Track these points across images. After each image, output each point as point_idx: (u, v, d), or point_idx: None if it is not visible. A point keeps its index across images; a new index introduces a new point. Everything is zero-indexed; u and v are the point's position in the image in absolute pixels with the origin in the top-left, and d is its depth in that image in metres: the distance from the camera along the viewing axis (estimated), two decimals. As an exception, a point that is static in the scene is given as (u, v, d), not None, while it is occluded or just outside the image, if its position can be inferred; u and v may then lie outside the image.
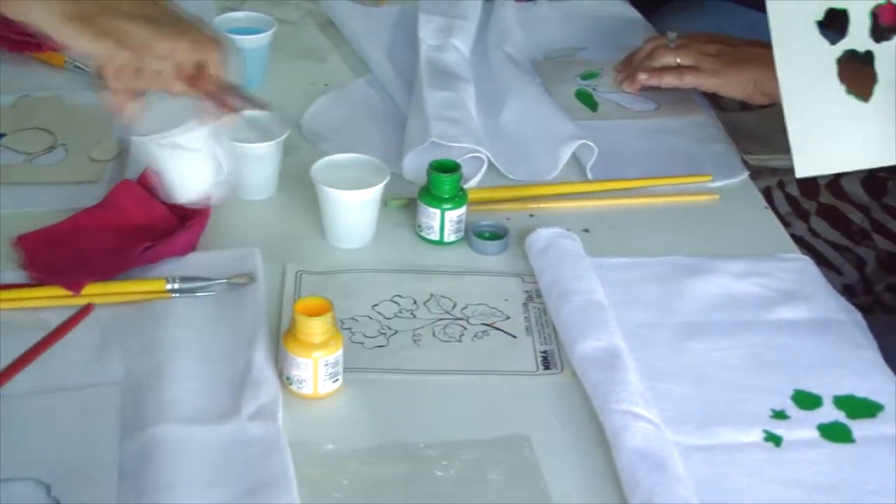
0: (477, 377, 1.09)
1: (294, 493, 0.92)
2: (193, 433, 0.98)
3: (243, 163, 1.32)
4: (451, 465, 0.97)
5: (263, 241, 1.25)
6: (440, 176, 1.24)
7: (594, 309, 1.12)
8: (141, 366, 1.06)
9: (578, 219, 1.32)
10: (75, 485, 0.93)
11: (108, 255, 1.20)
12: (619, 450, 0.96)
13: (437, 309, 1.17)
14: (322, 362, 1.02)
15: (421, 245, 1.27)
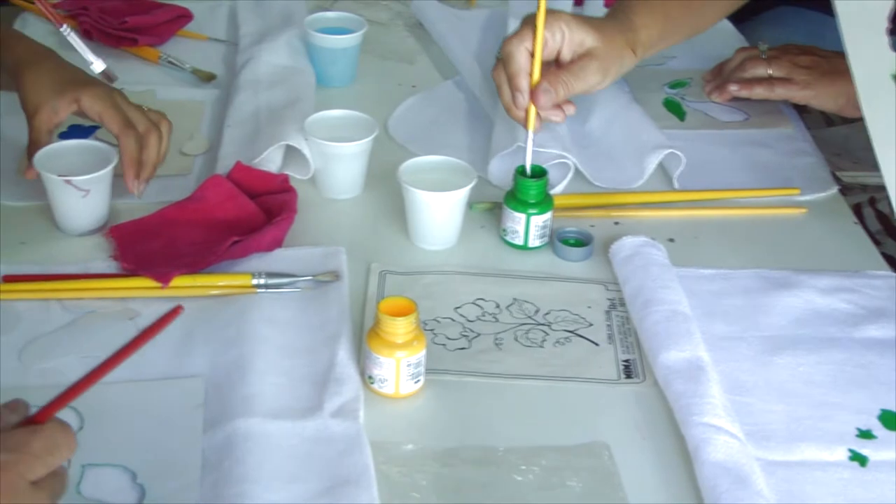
0: (558, 383, 1.08)
1: (374, 491, 0.93)
2: (276, 428, 0.98)
3: (331, 162, 1.33)
4: (530, 471, 0.97)
5: (349, 240, 1.26)
6: (527, 181, 1.24)
7: (679, 319, 1.11)
8: (225, 359, 1.07)
9: (663, 228, 1.31)
10: (160, 473, 0.95)
11: (197, 248, 1.22)
12: (701, 463, 0.95)
13: (519, 313, 1.17)
14: (404, 362, 1.03)
15: (505, 249, 1.28)
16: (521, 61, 1.27)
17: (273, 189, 1.30)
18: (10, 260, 1.21)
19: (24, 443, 0.75)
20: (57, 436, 0.78)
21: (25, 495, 0.73)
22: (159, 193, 1.33)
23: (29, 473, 0.74)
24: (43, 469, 0.76)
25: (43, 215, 1.28)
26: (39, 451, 0.76)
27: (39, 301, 1.15)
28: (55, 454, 0.77)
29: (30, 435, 0.76)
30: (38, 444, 0.76)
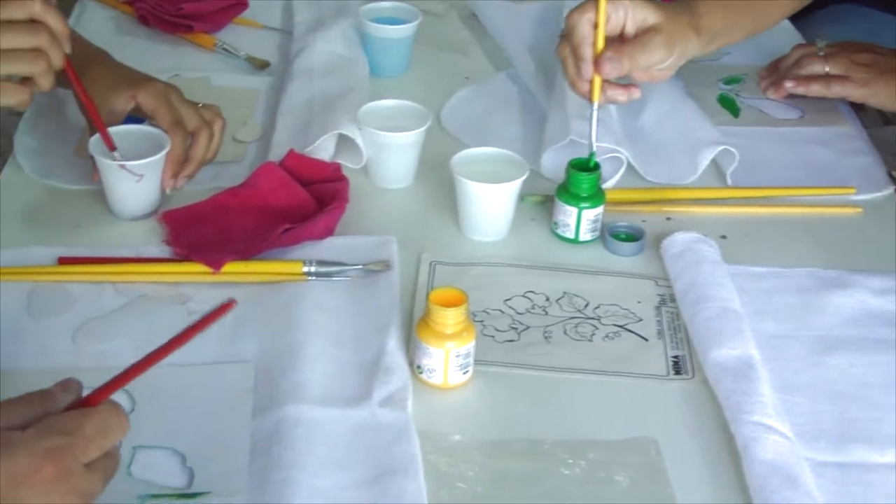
0: (606, 378, 1.08)
1: (421, 480, 0.93)
2: (325, 415, 0.99)
3: (383, 151, 1.34)
4: (577, 464, 0.97)
5: (399, 230, 1.26)
6: (579, 174, 1.24)
7: (730, 317, 1.10)
8: (276, 345, 1.08)
9: (715, 225, 1.31)
10: (209, 457, 0.95)
11: (248, 234, 1.22)
12: (750, 461, 0.95)
13: (569, 307, 1.17)
14: (454, 353, 1.03)
15: (556, 242, 1.27)
16: (585, 31, 1.25)
17: (325, 177, 1.30)
18: (65, 242, 1.23)
19: (77, 426, 0.76)
20: (110, 418, 0.78)
21: (79, 478, 0.74)
22: (212, 179, 1.34)
23: (82, 456, 0.75)
24: (96, 451, 0.77)
25: (98, 199, 1.30)
26: (92, 433, 0.76)
27: (93, 284, 1.16)
28: (107, 437, 0.78)
29: (83, 418, 0.77)
30: (91, 426, 0.77)
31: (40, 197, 1.32)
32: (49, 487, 0.72)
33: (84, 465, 0.75)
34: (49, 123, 1.44)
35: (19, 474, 0.71)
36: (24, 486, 0.71)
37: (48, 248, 1.21)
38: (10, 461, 0.71)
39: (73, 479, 0.73)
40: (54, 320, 1.11)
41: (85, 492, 0.75)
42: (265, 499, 0.90)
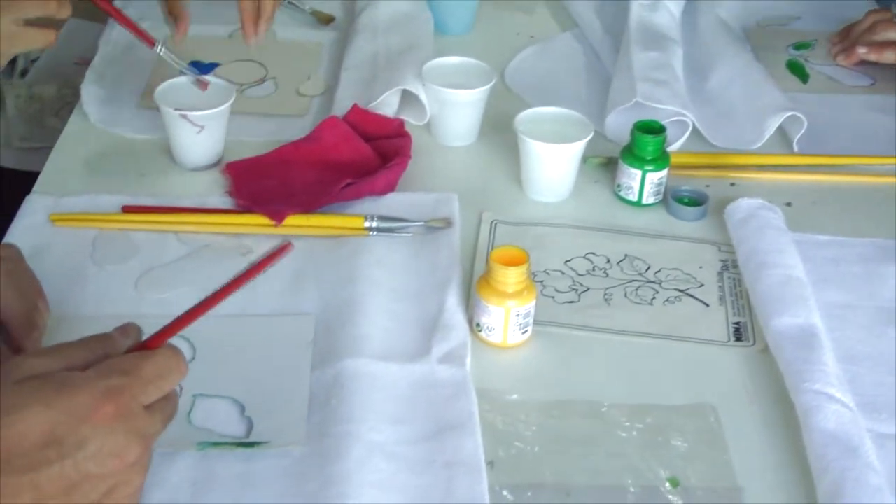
0: (666, 342, 1.07)
1: (478, 437, 0.93)
2: (384, 370, 0.99)
3: (447, 108, 1.33)
4: (634, 427, 0.97)
5: (461, 188, 1.26)
6: (645, 137, 1.23)
7: (793, 285, 1.09)
8: (335, 299, 1.08)
9: (780, 191, 1.29)
10: (268, 408, 0.96)
11: (311, 188, 1.23)
12: (810, 430, 0.94)
13: (630, 270, 1.16)
14: (514, 312, 1.02)
15: (618, 205, 1.26)
16: None
17: (388, 133, 1.30)
18: (129, 191, 1.24)
19: (136, 367, 0.76)
20: (168, 361, 0.78)
21: (139, 418, 0.74)
22: (276, 132, 1.35)
23: (142, 396, 0.75)
24: (155, 393, 0.76)
25: (162, 149, 1.31)
26: (151, 375, 0.76)
27: (156, 233, 1.17)
28: (166, 379, 0.77)
29: (142, 360, 0.77)
30: (150, 368, 0.76)
31: (106, 146, 1.33)
32: (109, 426, 0.72)
33: (144, 407, 0.75)
34: (116, 73, 1.45)
35: (80, 413, 0.71)
36: (86, 424, 0.71)
37: (113, 197, 1.22)
38: (70, 400, 0.71)
39: (133, 419, 0.74)
40: (118, 268, 1.12)
41: (145, 432, 0.75)
42: (323, 451, 0.91)
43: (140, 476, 0.75)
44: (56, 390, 0.71)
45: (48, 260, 1.12)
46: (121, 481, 0.73)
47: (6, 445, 0.69)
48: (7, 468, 0.69)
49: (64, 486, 0.71)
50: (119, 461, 0.72)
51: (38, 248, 1.13)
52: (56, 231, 1.17)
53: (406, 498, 0.88)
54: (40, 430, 0.70)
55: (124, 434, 0.72)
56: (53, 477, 0.70)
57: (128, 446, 0.72)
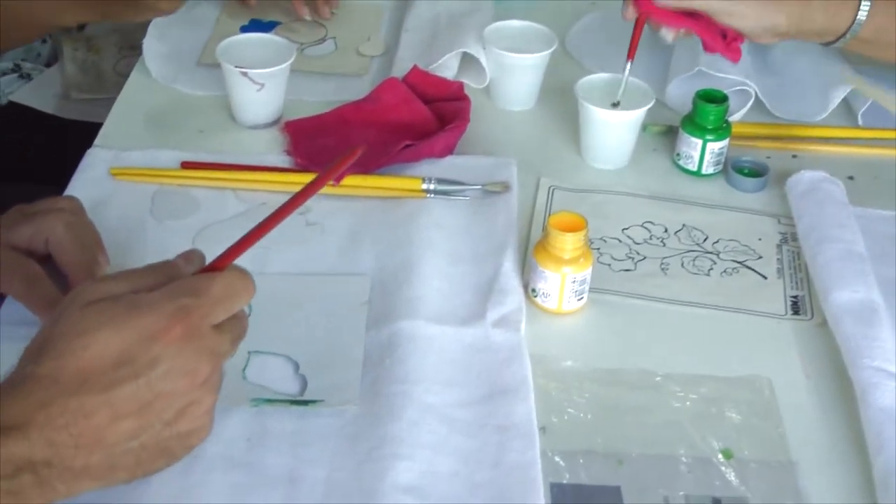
0: (722, 313, 1.06)
1: (531, 403, 0.93)
2: (438, 332, 0.99)
3: (507, 72, 1.33)
4: (688, 398, 0.96)
5: (519, 153, 1.25)
6: (707, 106, 1.21)
7: (854, 259, 1.08)
8: (392, 260, 1.08)
9: (843, 165, 1.27)
10: (322, 367, 0.96)
11: (370, 149, 1.22)
12: (867, 406, 0.93)
13: (687, 240, 1.15)
14: (570, 278, 1.02)
15: (677, 174, 1.25)
16: None
17: (447, 96, 1.29)
18: (188, 147, 1.24)
19: (204, 288, 0.77)
20: (236, 281, 0.79)
21: (209, 339, 0.76)
22: (335, 92, 1.35)
23: (210, 316, 0.76)
24: (223, 313, 0.77)
25: (221, 106, 1.31)
26: (219, 295, 0.77)
27: (215, 189, 1.18)
28: (234, 299, 0.78)
29: (209, 280, 0.78)
30: (218, 288, 0.77)
31: (166, 101, 1.34)
32: (179, 345, 0.73)
33: (212, 326, 0.76)
34: (177, 29, 1.45)
35: (150, 333, 0.73)
36: (156, 344, 0.73)
37: (172, 152, 1.23)
38: (140, 321, 0.73)
39: (202, 338, 0.75)
40: (176, 223, 1.13)
41: (215, 351, 0.76)
42: (376, 411, 0.91)
43: (211, 396, 0.77)
44: (126, 311, 0.73)
45: (108, 213, 1.13)
46: (193, 400, 0.75)
47: (81, 366, 0.71)
48: (83, 388, 0.71)
49: (138, 406, 0.72)
50: (190, 379, 0.74)
51: (99, 201, 1.14)
52: (116, 185, 1.18)
53: (458, 460, 0.88)
54: (113, 350, 0.72)
55: (194, 352, 0.74)
56: (128, 396, 0.72)
57: (198, 365, 0.74)
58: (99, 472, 0.73)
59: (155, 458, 0.76)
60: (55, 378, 0.71)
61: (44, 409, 0.70)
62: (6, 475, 0.69)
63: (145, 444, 0.74)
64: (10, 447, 0.69)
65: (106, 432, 0.72)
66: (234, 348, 0.79)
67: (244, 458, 0.87)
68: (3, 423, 0.70)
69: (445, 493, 0.85)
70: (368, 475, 0.86)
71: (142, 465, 0.75)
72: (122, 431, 0.73)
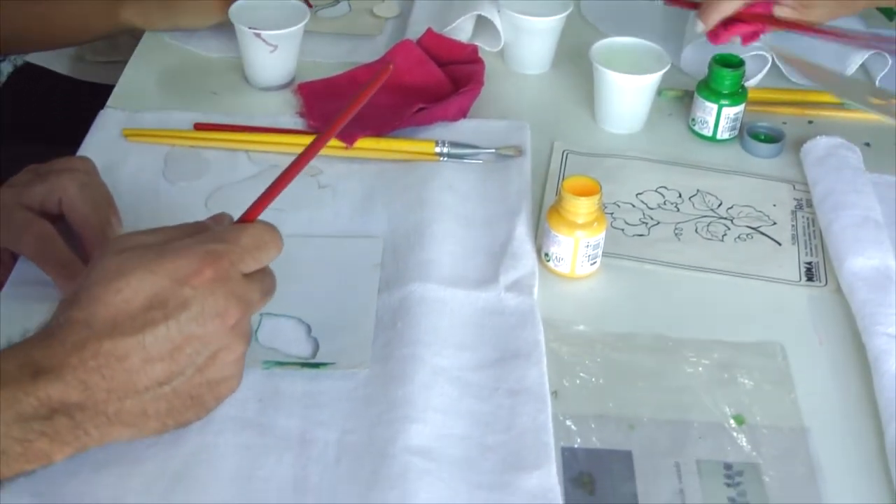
0: (735, 279, 1.06)
1: (543, 367, 0.93)
2: (451, 295, 0.99)
3: (522, 35, 1.32)
4: (700, 363, 0.96)
5: (533, 116, 1.25)
6: (722, 70, 1.20)
7: (869, 226, 1.07)
8: (404, 223, 1.08)
9: (859, 131, 1.26)
10: (334, 329, 0.96)
11: (382, 111, 1.22)
12: (881, 374, 0.92)
13: (701, 205, 1.15)
14: (583, 243, 1.02)
15: (692, 139, 1.25)
16: None
17: (461, 59, 1.29)
18: (201, 108, 1.24)
19: (233, 236, 0.79)
20: (264, 233, 0.82)
21: (238, 284, 0.78)
22: (349, 54, 1.34)
23: (239, 263, 0.78)
24: (253, 263, 0.80)
25: (234, 67, 1.31)
26: (249, 245, 0.80)
27: (228, 151, 1.17)
28: (263, 250, 0.81)
29: (239, 230, 0.80)
30: (247, 238, 0.80)
31: (179, 63, 1.33)
32: (209, 288, 0.76)
33: (242, 275, 0.79)
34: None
35: (181, 276, 0.75)
36: (187, 286, 0.75)
37: (185, 114, 1.22)
38: (171, 264, 0.75)
39: (232, 283, 0.77)
40: (189, 184, 1.13)
41: (244, 298, 0.78)
42: (388, 373, 0.91)
43: (241, 344, 0.79)
44: (158, 256, 0.76)
45: (121, 174, 1.12)
46: (223, 346, 0.77)
47: (114, 310, 0.74)
48: (115, 331, 0.73)
49: (169, 348, 0.75)
50: (220, 322, 0.76)
51: (111, 162, 1.14)
52: (129, 146, 1.17)
53: (470, 423, 0.88)
54: (144, 293, 0.74)
55: (224, 296, 0.76)
56: (159, 338, 0.74)
57: (227, 308, 0.76)
58: (130, 418, 0.75)
59: (186, 408, 0.78)
60: (88, 322, 0.73)
61: (77, 352, 0.73)
62: (42, 416, 0.72)
63: (177, 389, 0.76)
64: (46, 389, 0.72)
65: (138, 376, 0.74)
66: (263, 302, 0.81)
67: (256, 419, 0.87)
68: (39, 365, 0.72)
69: (457, 456, 0.85)
70: (380, 438, 0.86)
71: (172, 413, 0.77)
72: (154, 375, 0.75)
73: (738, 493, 0.85)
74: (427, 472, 0.83)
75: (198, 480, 0.82)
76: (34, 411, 0.72)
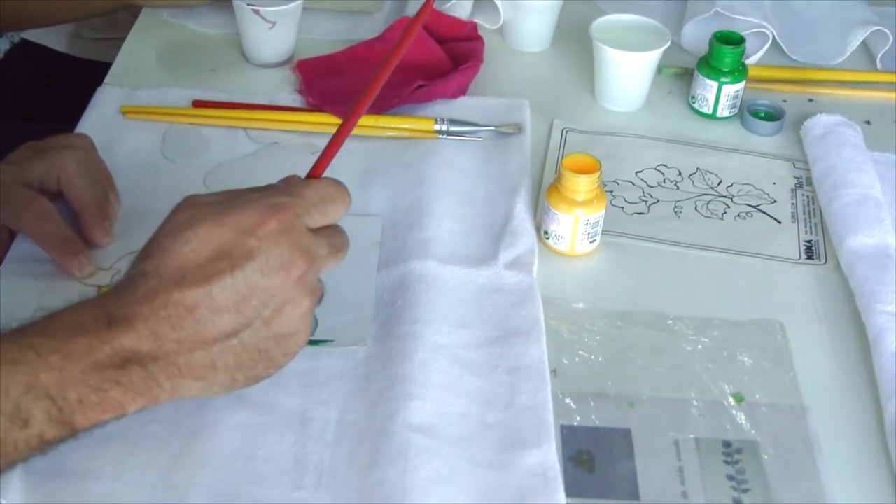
0: (735, 257, 1.06)
1: (543, 345, 0.93)
2: (450, 273, 0.99)
3: (521, 12, 1.31)
4: (699, 341, 0.96)
5: (533, 94, 1.24)
6: (723, 48, 1.20)
7: (869, 204, 1.07)
8: (403, 201, 1.08)
9: (860, 109, 1.26)
10: (333, 307, 0.95)
11: (382, 89, 1.21)
12: (880, 352, 0.92)
13: (701, 183, 1.14)
14: (583, 220, 1.01)
15: (692, 117, 1.24)
16: None
17: (461, 36, 1.28)
18: (199, 85, 1.23)
19: (297, 190, 0.80)
20: (330, 188, 0.82)
21: (304, 236, 0.78)
22: (348, 31, 1.33)
23: (305, 216, 0.78)
24: (319, 216, 0.80)
25: (233, 44, 1.30)
26: (315, 198, 0.79)
27: (226, 128, 1.17)
28: (329, 203, 0.80)
29: (305, 184, 0.81)
30: (312, 193, 0.80)
31: (177, 40, 1.33)
32: (274, 239, 0.76)
33: (309, 228, 0.79)
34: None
35: (246, 227, 0.75)
36: (252, 237, 0.75)
37: (183, 91, 1.22)
38: (237, 216, 0.76)
39: (297, 235, 0.77)
40: (188, 162, 1.12)
41: (310, 251, 0.78)
42: (387, 351, 0.91)
43: (308, 298, 0.78)
44: (225, 208, 0.77)
45: (119, 152, 1.12)
46: (289, 299, 0.77)
47: (181, 261, 0.75)
48: (184, 281, 0.74)
49: (235, 299, 0.75)
50: (285, 274, 0.76)
51: (110, 139, 1.13)
52: (127, 123, 1.17)
53: (470, 401, 0.88)
54: (211, 244, 0.75)
55: (288, 248, 0.76)
56: (226, 288, 0.74)
57: (292, 259, 0.76)
58: (200, 370, 0.76)
59: (255, 362, 0.77)
60: (158, 272, 0.74)
61: (148, 302, 0.73)
62: (116, 365, 0.72)
63: (245, 342, 0.76)
64: (120, 338, 0.72)
65: (206, 326, 0.74)
66: (332, 258, 0.81)
67: (256, 397, 0.87)
68: (113, 315, 0.73)
69: (456, 434, 0.85)
70: (380, 415, 0.86)
71: (242, 367, 0.77)
72: (222, 326, 0.75)
73: (737, 471, 0.85)
74: (427, 450, 0.83)
75: (198, 458, 0.82)
76: (108, 360, 0.72)
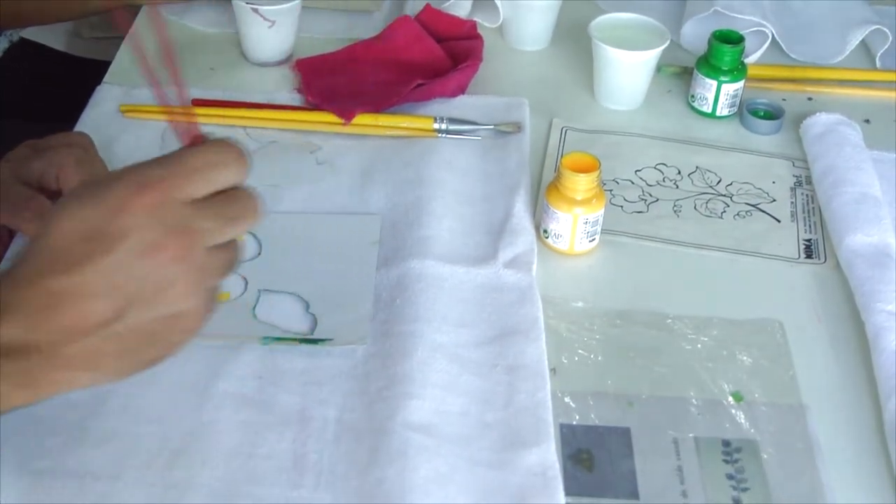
0: (734, 256, 1.06)
1: (542, 344, 0.93)
2: (449, 272, 0.99)
3: (521, 11, 1.31)
4: (699, 340, 0.96)
5: (532, 93, 1.24)
6: (722, 46, 1.20)
7: (869, 203, 1.07)
8: (402, 199, 1.08)
9: (859, 108, 1.26)
10: (332, 306, 0.96)
11: (381, 87, 1.22)
12: (879, 351, 0.92)
13: (700, 182, 1.14)
14: (582, 219, 1.01)
15: (691, 116, 1.24)
16: None
17: (460, 35, 1.28)
18: (199, 84, 1.23)
19: (176, 160, 0.68)
20: (218, 151, 0.69)
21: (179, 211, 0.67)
22: (347, 30, 1.33)
23: (187, 187, 0.67)
24: (203, 184, 0.68)
25: (232, 43, 1.30)
26: (196, 164, 0.68)
27: (225, 127, 1.17)
28: (216, 169, 0.68)
29: (184, 152, 0.69)
30: (194, 160, 0.68)
31: (176, 38, 1.31)
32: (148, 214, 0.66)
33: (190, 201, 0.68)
34: (187, -35, 1.44)
35: (115, 204, 0.66)
36: (122, 214, 0.66)
37: (183, 90, 1.21)
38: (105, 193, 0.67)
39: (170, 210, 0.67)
40: (187, 160, 1.12)
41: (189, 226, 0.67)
42: (386, 350, 0.91)
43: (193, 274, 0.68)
44: (94, 186, 0.68)
45: (118, 150, 1.12)
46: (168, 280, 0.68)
47: (50, 244, 0.67)
48: (55, 266, 0.66)
49: (108, 284, 0.66)
50: (158, 254, 0.67)
51: (108, 138, 1.13)
52: (126, 122, 1.17)
53: (469, 400, 0.88)
54: (79, 225, 0.66)
55: (162, 225, 0.67)
56: (97, 272, 0.66)
57: (165, 238, 0.67)
58: (85, 361, 0.68)
59: (146, 346, 0.69)
60: (28, 260, 0.67)
61: (19, 290, 0.66)
62: (4, 355, 0.66)
63: (130, 327, 0.68)
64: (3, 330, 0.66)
65: (83, 313, 0.66)
66: (227, 229, 0.70)
67: (255, 396, 0.87)
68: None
69: (455, 433, 0.85)
70: (379, 414, 0.85)
71: (131, 352, 0.69)
72: (100, 312, 0.66)
73: (737, 470, 0.85)
74: (426, 449, 0.83)
75: (197, 457, 0.82)
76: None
